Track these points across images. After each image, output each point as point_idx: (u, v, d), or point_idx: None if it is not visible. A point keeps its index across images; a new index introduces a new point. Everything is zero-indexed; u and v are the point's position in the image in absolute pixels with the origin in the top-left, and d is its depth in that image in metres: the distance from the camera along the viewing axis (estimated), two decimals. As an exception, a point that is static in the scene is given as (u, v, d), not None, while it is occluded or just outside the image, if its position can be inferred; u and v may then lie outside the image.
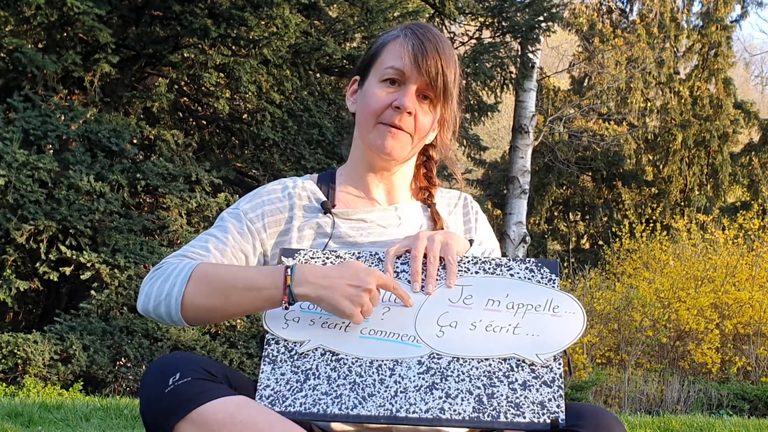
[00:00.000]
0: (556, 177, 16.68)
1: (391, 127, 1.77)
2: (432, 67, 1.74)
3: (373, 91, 1.79)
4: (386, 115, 1.77)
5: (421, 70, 1.74)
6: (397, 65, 1.76)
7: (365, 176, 1.87)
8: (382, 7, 8.97)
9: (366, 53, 1.87)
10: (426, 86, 1.76)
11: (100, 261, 7.45)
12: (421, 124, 1.79)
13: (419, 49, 1.74)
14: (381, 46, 1.81)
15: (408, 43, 1.76)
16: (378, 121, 1.78)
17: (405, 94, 1.76)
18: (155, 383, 1.47)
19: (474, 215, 1.96)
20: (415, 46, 1.74)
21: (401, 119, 1.76)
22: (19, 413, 4.77)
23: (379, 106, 1.77)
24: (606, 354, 9.11)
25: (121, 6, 8.66)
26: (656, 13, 16.54)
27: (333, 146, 9.22)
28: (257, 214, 1.82)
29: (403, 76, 1.76)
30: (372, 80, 1.80)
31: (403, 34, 1.78)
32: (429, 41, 1.75)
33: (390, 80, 1.77)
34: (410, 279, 1.64)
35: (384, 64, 1.78)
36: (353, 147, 1.91)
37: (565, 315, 1.58)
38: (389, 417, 1.47)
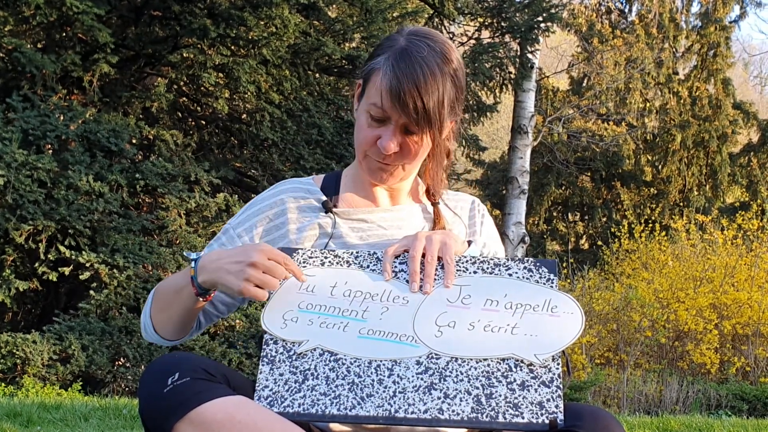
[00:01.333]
0: (555, 177, 16.68)
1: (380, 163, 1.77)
2: (410, 105, 1.67)
3: (361, 123, 1.76)
4: (372, 152, 1.76)
5: (399, 110, 1.68)
6: (377, 103, 1.70)
7: (366, 179, 1.87)
8: (381, 8, 8.97)
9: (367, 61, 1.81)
10: (408, 122, 1.71)
11: (99, 261, 7.45)
12: (411, 153, 1.76)
13: (395, 88, 1.67)
14: (370, 72, 1.75)
15: (386, 80, 1.68)
16: (366, 154, 1.78)
17: (387, 136, 1.72)
18: (154, 383, 1.47)
19: (480, 218, 1.95)
20: (392, 84, 1.67)
21: (385, 158, 1.75)
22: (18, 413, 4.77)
23: (365, 143, 1.76)
24: (605, 354, 9.12)
25: (121, 6, 8.65)
26: (655, 13, 16.55)
27: (332, 146, 9.22)
28: (245, 227, 1.86)
29: (384, 114, 1.71)
30: (362, 106, 1.77)
31: (384, 67, 1.71)
32: (407, 75, 1.67)
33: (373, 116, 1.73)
34: (408, 279, 1.64)
35: (369, 97, 1.73)
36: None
37: (563, 315, 1.59)
38: (388, 417, 1.47)
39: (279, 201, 1.86)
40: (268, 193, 1.89)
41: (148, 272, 7.80)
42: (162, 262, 7.74)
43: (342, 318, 1.59)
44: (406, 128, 1.72)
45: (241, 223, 1.86)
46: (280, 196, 1.87)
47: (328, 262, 1.69)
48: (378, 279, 1.65)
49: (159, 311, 1.80)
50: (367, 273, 1.67)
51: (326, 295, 1.63)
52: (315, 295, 1.63)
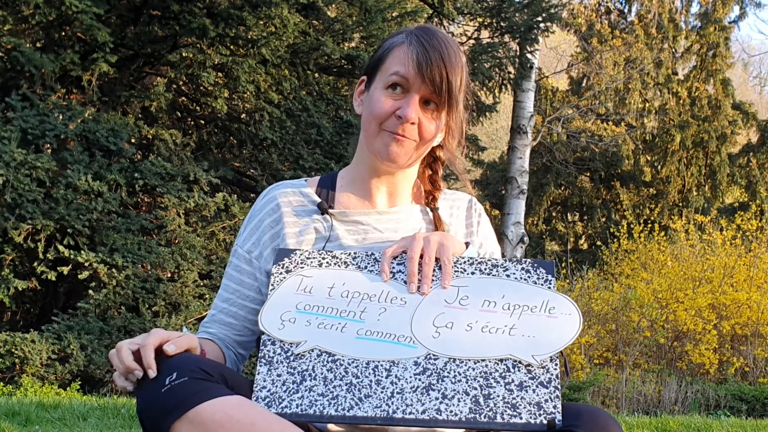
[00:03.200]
0: (554, 177, 16.68)
1: (395, 135, 1.77)
2: (436, 75, 1.72)
3: (377, 97, 1.78)
4: (389, 123, 1.77)
5: (425, 78, 1.73)
6: (401, 71, 1.74)
7: (368, 180, 1.87)
8: (380, 7, 8.97)
9: (373, 55, 1.85)
10: (430, 94, 1.75)
11: (98, 260, 7.44)
12: (426, 131, 1.78)
13: (423, 57, 1.72)
14: (387, 51, 1.80)
15: (412, 50, 1.74)
16: (382, 128, 1.78)
17: (408, 103, 1.74)
18: (152, 383, 1.47)
19: (477, 217, 1.96)
20: (419, 53, 1.73)
21: (404, 129, 1.76)
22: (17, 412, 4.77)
23: (383, 113, 1.76)
24: (604, 354, 9.12)
25: (120, 5, 8.65)
26: (655, 13, 16.55)
27: (331, 146, 9.21)
28: (252, 242, 1.87)
29: (407, 83, 1.75)
30: (377, 85, 1.79)
31: (408, 40, 1.76)
32: (434, 48, 1.73)
33: (393, 85, 1.76)
34: (406, 280, 1.64)
35: (389, 69, 1.77)
36: (358, 149, 1.90)
37: (561, 316, 1.59)
38: (386, 418, 1.47)
39: (275, 207, 1.87)
40: (261, 201, 1.90)
41: (147, 272, 7.80)
42: (161, 262, 7.73)
43: (340, 319, 1.60)
44: (426, 101, 1.76)
45: (246, 240, 1.88)
46: (275, 202, 1.87)
47: (325, 263, 1.69)
48: (376, 280, 1.65)
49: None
50: (365, 274, 1.67)
51: (324, 296, 1.63)
52: (313, 296, 1.64)
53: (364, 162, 1.87)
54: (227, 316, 1.86)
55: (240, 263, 1.87)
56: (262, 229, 1.86)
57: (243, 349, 1.89)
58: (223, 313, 1.86)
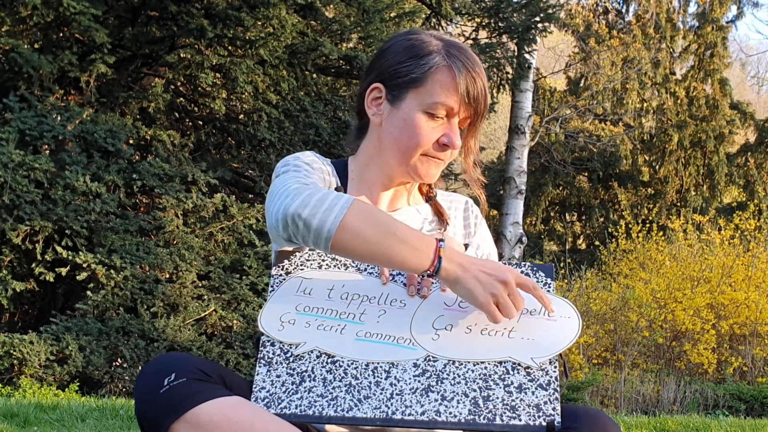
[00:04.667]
0: (552, 177, 16.69)
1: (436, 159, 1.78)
2: (481, 102, 1.74)
3: (417, 124, 1.74)
4: (431, 150, 1.76)
5: (471, 106, 1.74)
6: (448, 103, 1.72)
7: (377, 183, 1.86)
8: (378, 8, 8.96)
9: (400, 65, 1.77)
10: (468, 116, 1.76)
11: (96, 261, 7.44)
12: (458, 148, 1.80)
13: (472, 83, 1.73)
14: (428, 71, 1.73)
15: (462, 80, 1.72)
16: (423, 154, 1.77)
17: (453, 131, 1.75)
18: (150, 384, 1.47)
19: (474, 219, 1.96)
20: (469, 84, 1.72)
21: (446, 154, 1.78)
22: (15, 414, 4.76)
23: (427, 142, 1.75)
24: (602, 354, 9.12)
25: (118, 6, 8.64)
26: (652, 13, 16.56)
27: (329, 146, 9.21)
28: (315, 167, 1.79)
29: (452, 112, 1.74)
30: (412, 105, 1.75)
31: (454, 66, 1.73)
32: (479, 75, 1.73)
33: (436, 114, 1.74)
34: (406, 282, 1.65)
35: (431, 97, 1.73)
36: (372, 153, 1.85)
37: (560, 319, 1.59)
38: (385, 419, 1.47)
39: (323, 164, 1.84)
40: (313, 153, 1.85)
41: (145, 273, 7.80)
42: (159, 263, 7.73)
43: (339, 320, 1.60)
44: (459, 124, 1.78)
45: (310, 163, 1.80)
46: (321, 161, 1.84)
47: (325, 265, 1.69)
48: (375, 282, 1.66)
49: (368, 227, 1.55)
50: (365, 276, 1.67)
51: (324, 298, 1.63)
52: (312, 297, 1.64)
53: (380, 169, 1.85)
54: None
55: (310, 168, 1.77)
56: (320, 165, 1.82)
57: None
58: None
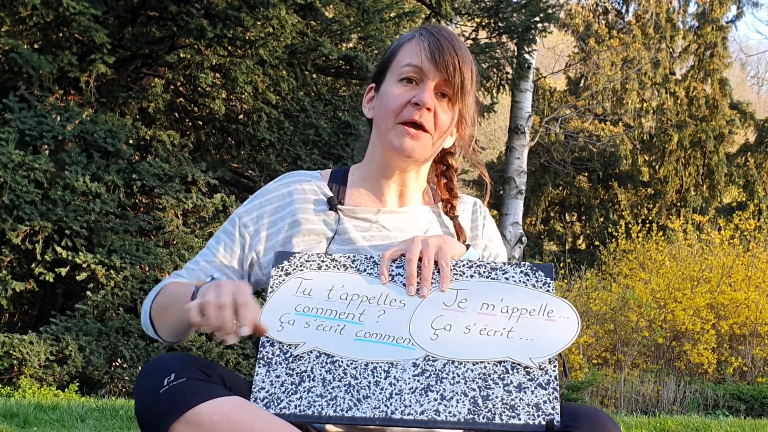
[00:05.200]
0: (552, 177, 16.69)
1: (411, 128, 1.77)
2: (449, 64, 1.75)
3: (391, 91, 1.79)
4: (405, 113, 1.77)
5: (439, 66, 1.75)
6: (414, 62, 1.76)
7: (379, 178, 1.87)
8: (378, 8, 8.96)
9: (381, 61, 1.88)
10: (444, 83, 1.77)
11: (96, 262, 7.44)
12: (441, 122, 1.79)
13: (435, 47, 1.75)
14: (396, 48, 1.83)
15: (424, 40, 1.77)
16: (397, 121, 1.78)
17: (423, 90, 1.76)
18: (150, 384, 1.47)
19: (482, 219, 1.96)
20: (431, 43, 1.76)
21: (421, 115, 1.76)
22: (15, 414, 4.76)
23: (398, 104, 1.77)
24: (602, 354, 9.12)
25: (117, 6, 8.64)
26: (652, 13, 16.56)
27: (329, 147, 9.21)
28: (252, 217, 1.85)
29: (420, 74, 1.76)
30: (389, 81, 1.81)
31: (418, 34, 1.80)
32: (445, 39, 1.77)
33: (408, 79, 1.77)
34: (405, 282, 1.65)
35: (401, 63, 1.79)
36: (369, 149, 1.90)
37: (559, 320, 1.59)
38: (384, 419, 1.47)
39: (287, 192, 1.86)
40: (275, 184, 1.89)
41: (145, 273, 7.80)
42: (159, 263, 7.73)
43: (339, 321, 1.60)
44: (440, 90, 1.78)
45: (248, 212, 1.86)
46: (290, 188, 1.87)
47: (324, 265, 1.69)
48: (375, 282, 1.65)
49: (160, 310, 1.78)
50: (364, 276, 1.67)
51: (323, 298, 1.63)
52: (312, 298, 1.64)
53: (376, 161, 1.86)
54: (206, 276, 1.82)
55: (234, 231, 1.85)
56: (265, 211, 1.85)
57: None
58: (203, 272, 1.83)
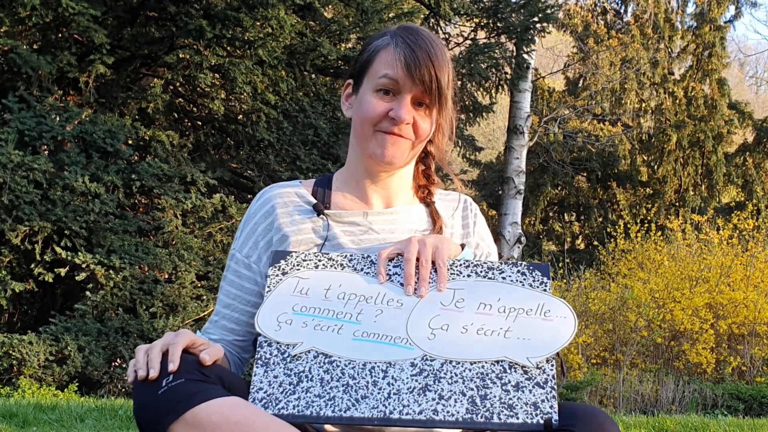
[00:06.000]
0: (551, 177, 16.68)
1: (391, 135, 1.77)
2: (425, 75, 1.73)
3: (368, 100, 1.78)
4: (383, 125, 1.77)
5: (415, 80, 1.73)
6: (390, 74, 1.74)
7: (362, 181, 1.87)
8: (377, 8, 8.97)
9: (358, 57, 1.85)
10: (421, 94, 1.75)
11: (95, 262, 7.44)
12: (421, 130, 1.79)
13: (411, 58, 1.73)
14: (373, 53, 1.79)
15: (399, 51, 1.74)
16: (376, 129, 1.78)
17: (401, 105, 1.75)
18: (149, 384, 1.47)
19: (473, 218, 1.96)
20: (407, 54, 1.73)
21: (400, 128, 1.77)
22: (14, 414, 4.77)
23: (375, 116, 1.77)
24: (601, 354, 9.12)
25: (116, 7, 8.64)
26: (650, 13, 16.56)
27: (328, 147, 9.21)
28: (250, 246, 1.87)
29: (396, 85, 1.75)
30: (366, 88, 1.79)
31: (393, 43, 1.76)
32: (420, 48, 1.74)
33: (384, 90, 1.76)
34: (403, 282, 1.65)
35: (377, 72, 1.77)
36: (350, 151, 1.90)
37: (556, 319, 1.59)
38: (382, 419, 1.47)
39: (269, 209, 1.86)
40: (256, 204, 1.90)
41: (144, 273, 7.80)
42: (158, 263, 7.73)
43: (336, 320, 1.60)
44: (417, 101, 1.77)
45: (243, 245, 1.87)
46: (270, 204, 1.87)
47: (322, 264, 1.69)
48: (372, 282, 1.66)
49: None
50: (362, 276, 1.67)
51: (320, 298, 1.63)
52: (309, 297, 1.64)
53: (358, 164, 1.87)
54: (229, 321, 1.85)
55: (239, 268, 1.86)
56: (258, 234, 1.86)
57: (246, 353, 1.89)
58: (226, 319, 1.85)
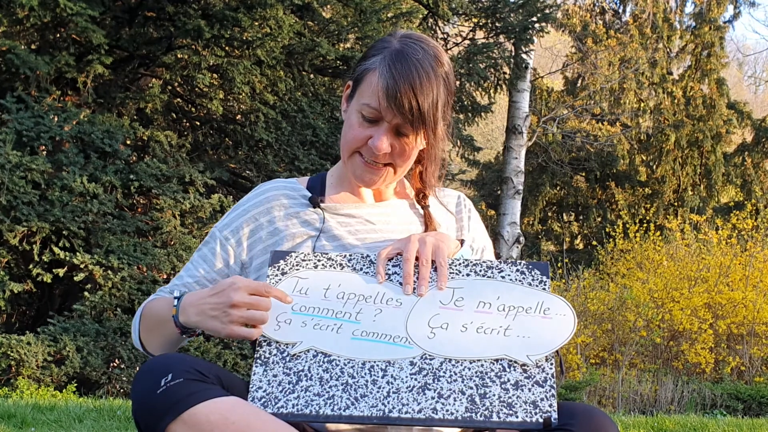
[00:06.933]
0: (549, 177, 16.68)
1: (367, 164, 1.77)
2: (405, 105, 1.69)
3: (352, 122, 1.77)
4: (363, 150, 1.77)
5: (395, 111, 1.70)
6: (371, 104, 1.72)
7: (353, 180, 1.87)
8: (375, 8, 8.97)
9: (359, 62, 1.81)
10: (402, 122, 1.72)
11: (94, 262, 7.44)
12: (401, 157, 1.77)
13: (392, 89, 1.68)
14: (364, 72, 1.76)
15: (382, 81, 1.70)
16: (355, 151, 1.78)
17: (378, 135, 1.73)
18: (147, 384, 1.47)
19: (467, 213, 1.97)
20: (388, 85, 1.69)
21: (376, 157, 1.76)
22: (12, 414, 4.76)
23: (354, 142, 1.77)
24: (600, 354, 9.12)
25: (115, 7, 8.63)
26: (649, 13, 16.57)
27: (327, 147, 9.21)
28: (231, 229, 1.86)
29: (378, 115, 1.73)
30: (354, 106, 1.78)
31: (380, 70, 1.72)
32: (403, 76, 1.69)
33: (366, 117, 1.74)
34: (402, 281, 1.65)
35: (362, 97, 1.75)
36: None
37: (555, 317, 1.59)
38: (382, 417, 1.47)
39: (264, 200, 1.87)
40: (253, 193, 1.90)
41: (143, 273, 7.80)
42: (157, 264, 7.73)
43: (335, 320, 1.60)
44: (399, 129, 1.74)
45: (227, 225, 1.87)
46: (266, 195, 1.87)
47: (321, 264, 1.69)
48: (371, 281, 1.66)
49: (146, 331, 1.80)
50: (361, 275, 1.67)
51: (319, 298, 1.63)
52: (308, 297, 1.64)
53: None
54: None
55: (216, 246, 1.86)
56: (244, 219, 1.86)
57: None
58: (187, 288, 1.84)
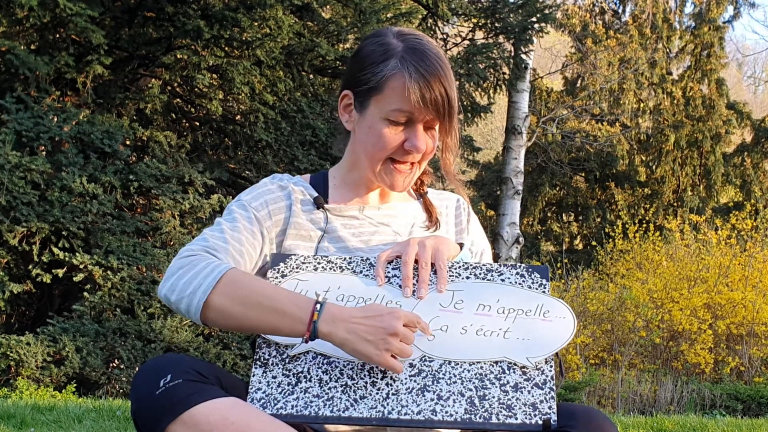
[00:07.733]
0: (549, 178, 16.69)
1: (401, 164, 1.76)
2: (439, 101, 1.69)
3: (380, 131, 1.73)
4: (397, 154, 1.76)
5: (430, 108, 1.69)
6: (405, 108, 1.70)
7: (361, 185, 1.86)
8: (375, 9, 8.96)
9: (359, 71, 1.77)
10: (433, 119, 1.72)
11: (93, 263, 7.43)
12: (428, 150, 1.77)
13: (426, 89, 1.68)
14: (383, 80, 1.72)
15: (414, 84, 1.68)
16: (386, 160, 1.77)
17: (416, 136, 1.73)
18: (146, 385, 1.47)
19: (466, 216, 1.97)
20: (422, 87, 1.68)
21: (414, 158, 1.76)
22: (12, 415, 4.76)
23: (391, 148, 1.74)
24: (599, 354, 9.12)
25: (114, 7, 8.63)
26: (649, 14, 16.57)
27: (326, 147, 9.21)
28: (260, 202, 1.81)
29: (411, 116, 1.71)
30: (375, 114, 1.74)
31: (406, 72, 1.69)
32: (433, 74, 1.69)
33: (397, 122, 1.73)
34: (401, 284, 1.65)
35: (389, 103, 1.71)
36: (351, 157, 1.87)
37: (555, 320, 1.59)
38: (381, 419, 1.47)
39: (282, 186, 1.84)
40: (272, 180, 1.87)
41: (142, 274, 7.79)
42: (156, 264, 7.73)
43: (335, 321, 1.59)
44: (427, 124, 1.75)
45: (255, 198, 1.82)
46: (283, 183, 1.85)
47: (321, 267, 1.69)
48: (371, 284, 1.66)
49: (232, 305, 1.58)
50: (360, 278, 1.67)
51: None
52: (308, 299, 1.63)
53: (360, 172, 1.85)
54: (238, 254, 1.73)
55: (249, 214, 1.78)
56: (268, 199, 1.81)
57: None
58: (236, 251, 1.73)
